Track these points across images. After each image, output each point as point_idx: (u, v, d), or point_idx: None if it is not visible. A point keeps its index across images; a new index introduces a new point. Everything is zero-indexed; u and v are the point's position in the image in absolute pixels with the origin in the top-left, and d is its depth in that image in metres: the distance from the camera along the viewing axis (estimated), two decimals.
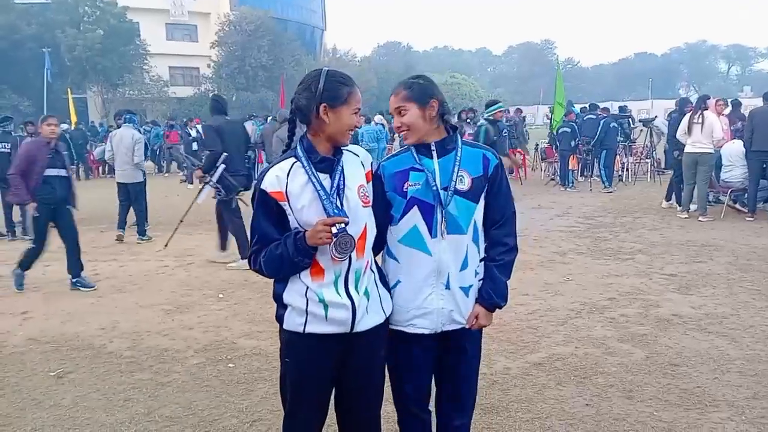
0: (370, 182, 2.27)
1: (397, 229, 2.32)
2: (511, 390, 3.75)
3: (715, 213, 9.70)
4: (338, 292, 2.14)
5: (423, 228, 2.28)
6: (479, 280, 2.40)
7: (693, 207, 9.75)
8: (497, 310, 2.41)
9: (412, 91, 2.29)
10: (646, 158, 15.45)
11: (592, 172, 14.89)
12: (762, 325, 4.77)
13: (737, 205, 9.98)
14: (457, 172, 2.28)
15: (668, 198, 10.86)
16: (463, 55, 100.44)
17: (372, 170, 2.29)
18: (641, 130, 16.12)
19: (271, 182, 2.12)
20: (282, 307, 2.22)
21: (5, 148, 9.20)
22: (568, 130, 13.77)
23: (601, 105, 16.45)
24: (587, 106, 16.21)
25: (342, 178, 2.15)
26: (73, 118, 23.79)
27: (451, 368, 2.45)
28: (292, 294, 2.18)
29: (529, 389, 3.76)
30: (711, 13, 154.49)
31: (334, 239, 2.01)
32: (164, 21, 46.01)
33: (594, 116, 14.13)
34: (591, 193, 13.04)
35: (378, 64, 57.70)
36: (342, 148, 2.21)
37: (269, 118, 16.75)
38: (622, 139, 14.52)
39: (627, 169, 15.02)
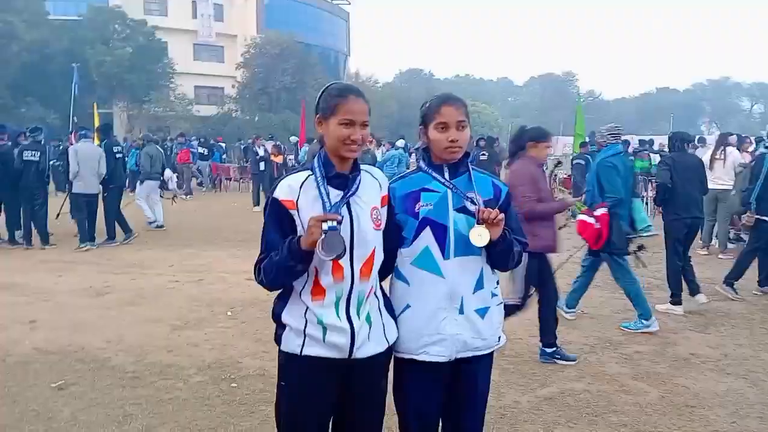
0: (385, 207, 2.21)
1: (409, 251, 2.24)
2: (519, 425, 3.63)
3: (735, 251, 9.48)
4: (338, 315, 2.07)
5: (435, 249, 2.21)
6: (498, 305, 2.32)
7: (714, 242, 9.55)
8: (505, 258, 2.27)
9: (466, 108, 2.25)
10: None
11: None
12: None
13: None
14: (472, 195, 2.22)
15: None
16: (485, 84, 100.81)
17: (389, 195, 2.24)
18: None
19: (284, 191, 2.07)
20: (281, 327, 2.16)
21: (34, 156, 9.40)
22: (582, 162, 13.68)
23: (622, 138, 16.32)
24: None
25: (355, 197, 2.09)
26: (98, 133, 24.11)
27: (459, 399, 2.34)
28: (292, 314, 2.12)
29: (539, 425, 3.64)
30: (735, 50, 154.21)
31: (323, 235, 1.92)
32: (192, 41, 46.84)
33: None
34: None
35: (399, 90, 58.09)
36: (361, 167, 2.15)
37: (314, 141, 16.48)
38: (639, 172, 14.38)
39: (646, 203, 14.82)
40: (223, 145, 25.76)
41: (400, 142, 17.43)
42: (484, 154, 14.69)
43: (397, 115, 43.03)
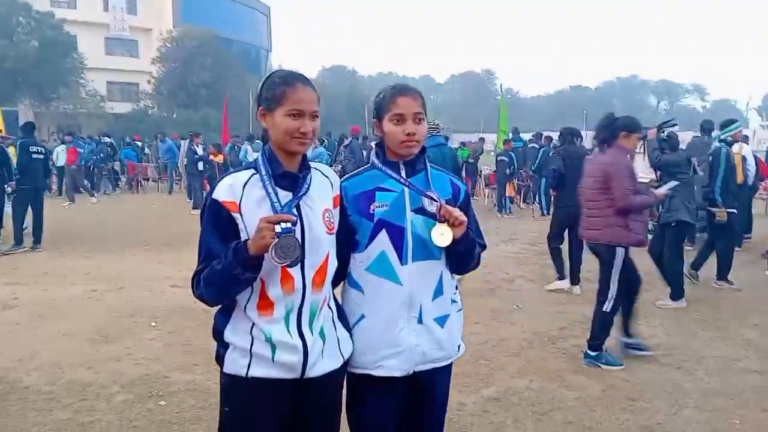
0: (338, 207, 2.02)
1: (363, 256, 2.06)
2: (468, 429, 3.54)
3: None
4: (289, 331, 1.85)
5: (392, 254, 2.04)
6: (458, 311, 2.19)
7: None
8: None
9: (423, 100, 2.09)
10: None
11: (534, 199, 15.06)
12: (713, 357, 4.74)
13: None
14: (431, 193, 2.06)
15: None
16: (407, 81, 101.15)
17: (341, 194, 2.05)
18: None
19: (224, 191, 1.83)
20: (223, 346, 1.92)
21: None
22: (506, 159, 13.96)
23: (545, 134, 16.74)
24: (533, 135, 16.50)
25: (306, 198, 1.89)
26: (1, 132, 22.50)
27: (417, 414, 2.19)
28: (236, 331, 1.89)
29: (487, 428, 3.56)
30: (642, 49, 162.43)
31: (276, 239, 1.70)
32: (104, 35, 44.58)
33: (537, 145, 14.37)
34: (534, 219, 13.13)
35: (323, 86, 57.54)
36: (311, 165, 1.95)
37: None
38: None
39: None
40: (140, 143, 24.59)
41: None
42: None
43: (322, 112, 42.49)
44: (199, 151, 14.79)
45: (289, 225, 1.73)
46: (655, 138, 6.74)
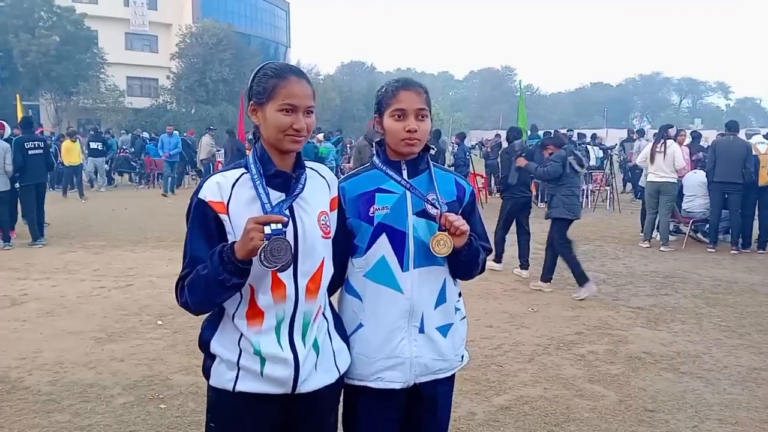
0: (335, 210, 1.88)
1: (362, 262, 1.93)
2: None
3: (676, 243, 9.61)
4: (279, 343, 1.72)
5: (392, 260, 1.90)
6: (462, 320, 2.04)
7: (656, 235, 9.64)
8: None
9: (428, 96, 1.95)
10: (606, 185, 15.47)
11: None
12: (736, 366, 4.53)
13: (699, 236, 9.93)
14: (434, 196, 1.92)
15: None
16: (426, 78, 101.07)
17: (338, 196, 1.91)
18: (605, 158, 16.20)
19: (212, 190, 1.69)
20: (209, 357, 1.79)
21: None
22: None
23: (564, 132, 16.47)
24: (551, 132, 16.22)
25: (300, 200, 1.75)
26: None
27: (416, 429, 2.05)
28: (223, 342, 1.76)
29: None
30: (665, 46, 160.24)
31: (265, 242, 1.57)
32: (124, 30, 44.91)
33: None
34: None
35: (341, 82, 57.52)
36: (306, 164, 1.81)
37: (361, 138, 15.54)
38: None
39: (586, 197, 14.99)
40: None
41: (320, 136, 17.08)
42: (433, 148, 14.60)
43: (339, 108, 42.52)
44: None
45: (279, 226, 1.60)
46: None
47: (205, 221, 1.70)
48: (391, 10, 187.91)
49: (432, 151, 2.04)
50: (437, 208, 1.89)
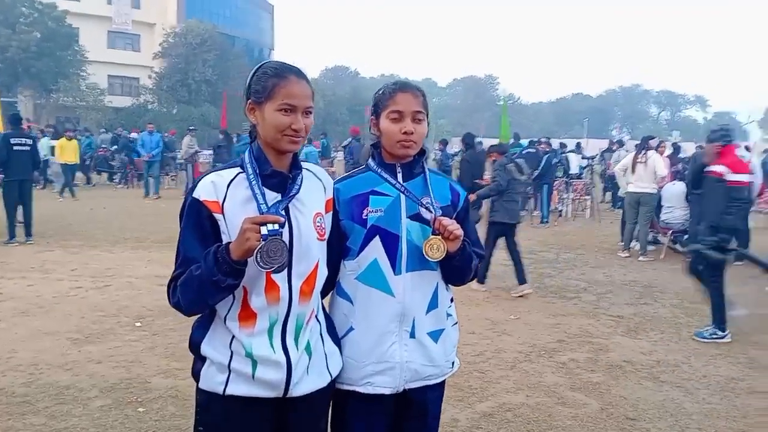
0: (330, 212, 1.86)
1: (354, 264, 1.91)
2: None
3: (655, 253, 9.71)
4: (272, 346, 1.69)
5: (385, 263, 1.89)
6: (453, 326, 2.03)
7: (635, 245, 9.73)
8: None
9: (425, 99, 1.95)
10: (586, 195, 15.61)
11: (535, 206, 14.88)
12: (715, 375, 4.58)
13: (677, 246, 10.04)
14: (429, 200, 1.91)
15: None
16: None
17: (333, 198, 1.89)
18: (586, 167, 16.38)
19: (207, 190, 1.67)
20: (200, 360, 1.76)
21: None
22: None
23: (544, 140, 16.56)
24: (530, 141, 16.36)
25: (296, 201, 1.73)
26: None
27: None
28: (214, 344, 1.72)
29: None
30: (645, 59, 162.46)
31: (262, 242, 1.54)
32: (106, 28, 44.45)
33: (534, 150, 14.18)
34: (532, 227, 12.96)
35: (325, 86, 57.43)
36: (303, 165, 1.79)
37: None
38: (560, 174, 14.72)
39: (567, 205, 15.12)
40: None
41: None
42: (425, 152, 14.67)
43: (323, 112, 42.43)
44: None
45: (276, 227, 1.58)
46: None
47: (199, 221, 1.68)
48: (376, 15, 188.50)
49: (426, 155, 2.04)
50: (432, 212, 1.89)
